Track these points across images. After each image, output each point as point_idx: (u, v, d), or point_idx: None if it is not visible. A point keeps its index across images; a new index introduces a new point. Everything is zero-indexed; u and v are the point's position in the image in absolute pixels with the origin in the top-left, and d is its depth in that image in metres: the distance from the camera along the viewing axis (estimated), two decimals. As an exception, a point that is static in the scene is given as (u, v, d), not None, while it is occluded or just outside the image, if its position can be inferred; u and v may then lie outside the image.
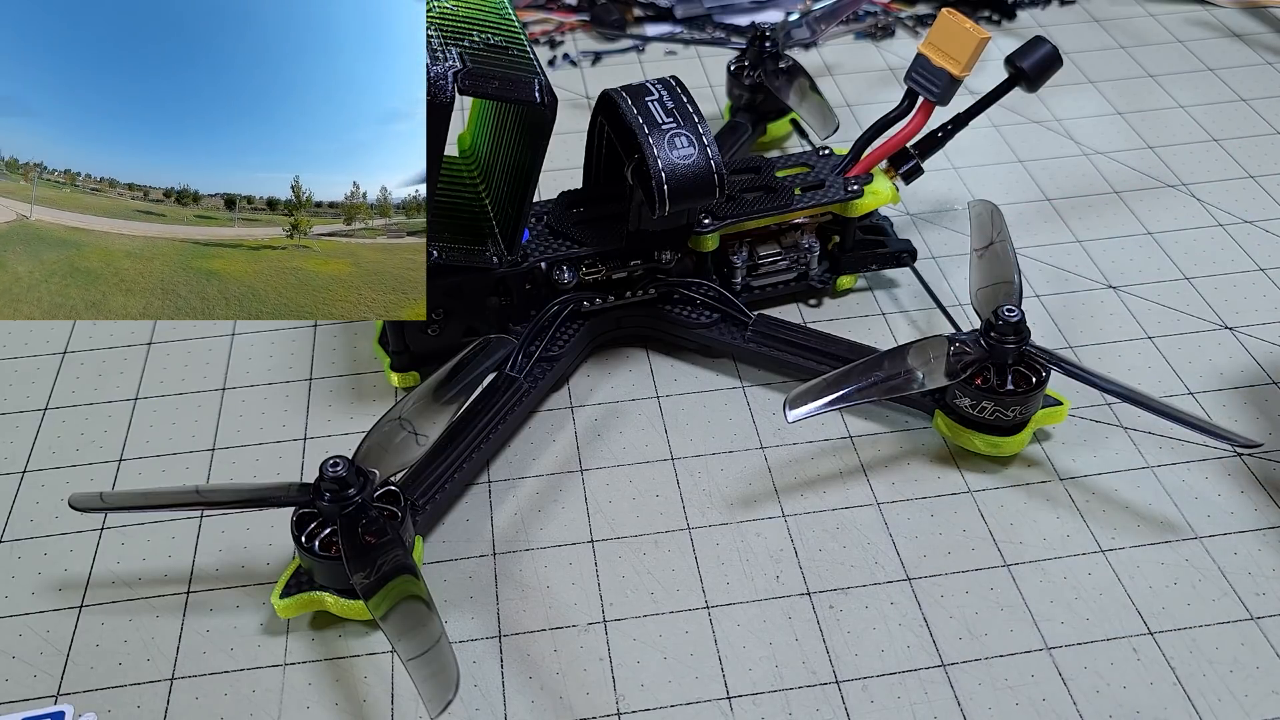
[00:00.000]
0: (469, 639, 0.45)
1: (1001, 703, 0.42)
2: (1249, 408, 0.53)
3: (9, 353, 0.58)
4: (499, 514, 0.50)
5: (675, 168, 0.49)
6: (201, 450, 0.53)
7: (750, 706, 0.42)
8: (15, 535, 0.49)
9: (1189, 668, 0.43)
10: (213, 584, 0.47)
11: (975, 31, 0.52)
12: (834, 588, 0.46)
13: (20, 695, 0.43)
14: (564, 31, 0.85)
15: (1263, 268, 0.61)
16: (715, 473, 0.51)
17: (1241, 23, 0.83)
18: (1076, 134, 0.72)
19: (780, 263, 0.58)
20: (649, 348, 0.57)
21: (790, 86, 0.66)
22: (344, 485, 0.42)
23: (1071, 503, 0.49)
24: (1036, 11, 0.85)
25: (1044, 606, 0.45)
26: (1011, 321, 0.47)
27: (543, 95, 0.46)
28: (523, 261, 0.53)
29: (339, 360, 0.57)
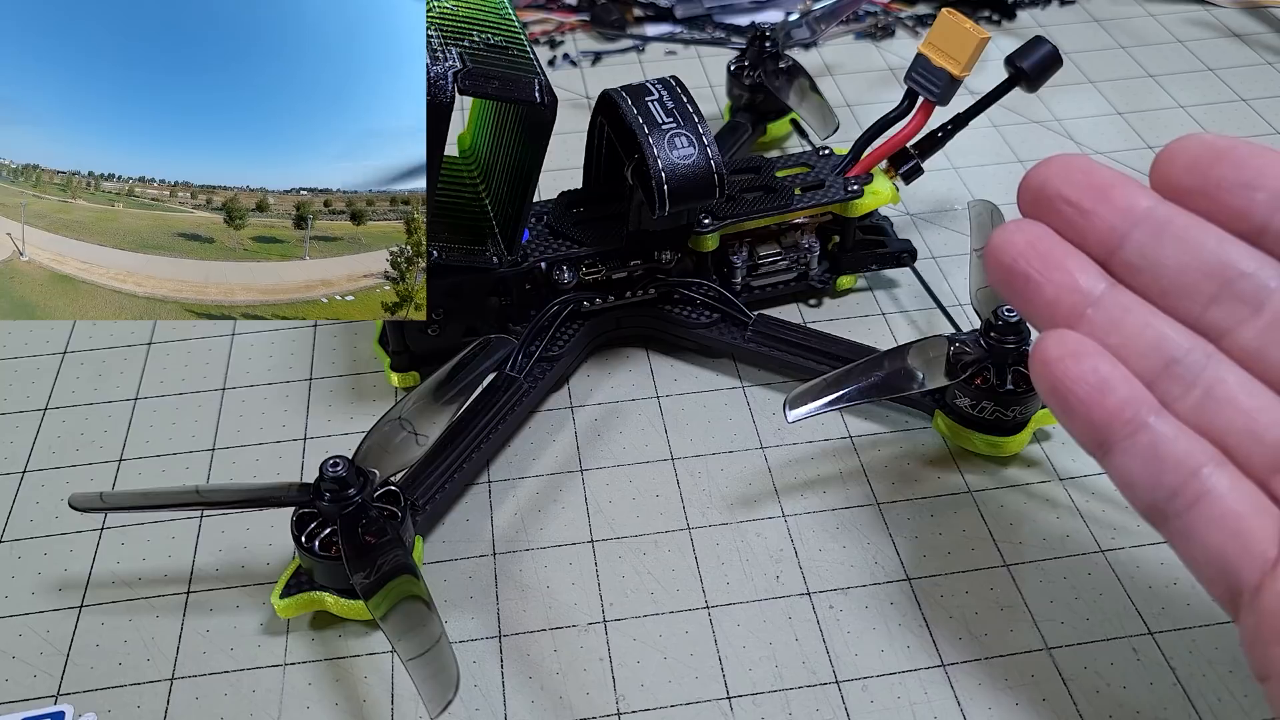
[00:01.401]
0: (469, 639, 0.45)
1: (1001, 703, 0.42)
2: (1249, 408, 0.53)
3: (9, 353, 0.58)
4: (499, 514, 0.50)
5: (675, 168, 0.49)
6: (201, 450, 0.53)
7: (750, 706, 0.42)
8: (15, 535, 0.49)
9: (1189, 668, 0.43)
10: (213, 584, 0.47)
11: (975, 31, 0.52)
12: (834, 588, 0.46)
13: (20, 695, 0.43)
14: (564, 31, 0.85)
15: (1263, 268, 0.61)
16: (715, 473, 0.51)
17: (1241, 23, 0.83)
18: (1076, 134, 0.72)
19: (780, 263, 0.58)
20: (649, 348, 0.57)
21: (790, 86, 0.66)
22: (344, 485, 0.42)
23: (1071, 503, 0.49)
24: (1036, 11, 0.85)
25: (1044, 606, 0.45)
26: (1011, 321, 0.47)
27: (543, 95, 0.46)
28: (523, 261, 0.53)
29: (339, 360, 0.57)
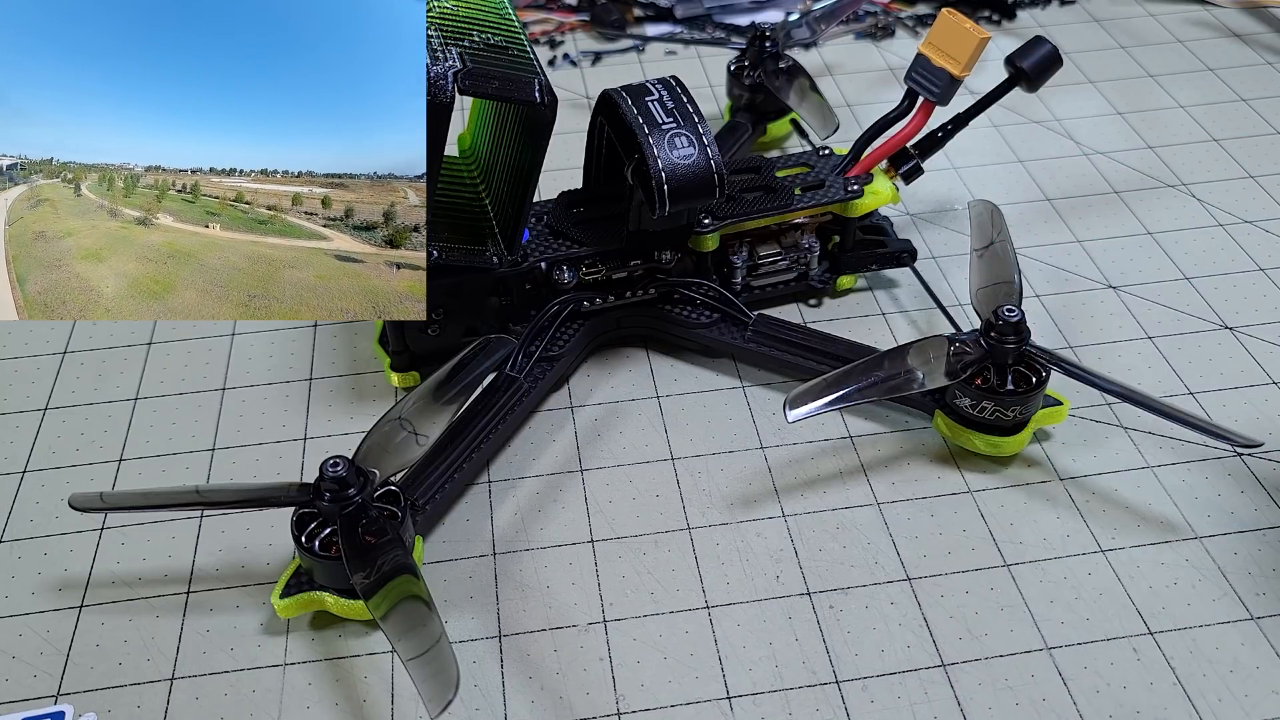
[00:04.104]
0: (469, 639, 0.45)
1: (1001, 703, 0.42)
2: (1249, 408, 0.53)
3: (9, 353, 0.58)
4: (499, 514, 0.50)
5: (675, 168, 0.49)
6: (201, 450, 0.53)
7: (750, 706, 0.42)
8: (15, 535, 0.49)
9: (1189, 668, 0.43)
10: (213, 584, 0.47)
11: (975, 31, 0.52)
12: (834, 588, 0.46)
13: (20, 695, 0.43)
14: (564, 31, 0.85)
15: (1263, 268, 0.61)
16: (715, 473, 0.51)
17: (1241, 23, 0.83)
18: (1076, 134, 0.72)
19: (780, 263, 0.58)
20: (649, 348, 0.57)
21: (790, 86, 0.66)
22: (344, 485, 0.42)
23: (1071, 503, 0.49)
24: (1036, 11, 0.85)
25: (1044, 606, 0.45)
26: (1011, 321, 0.47)
27: (543, 95, 0.46)
28: (523, 261, 0.53)
29: (339, 360, 0.57)
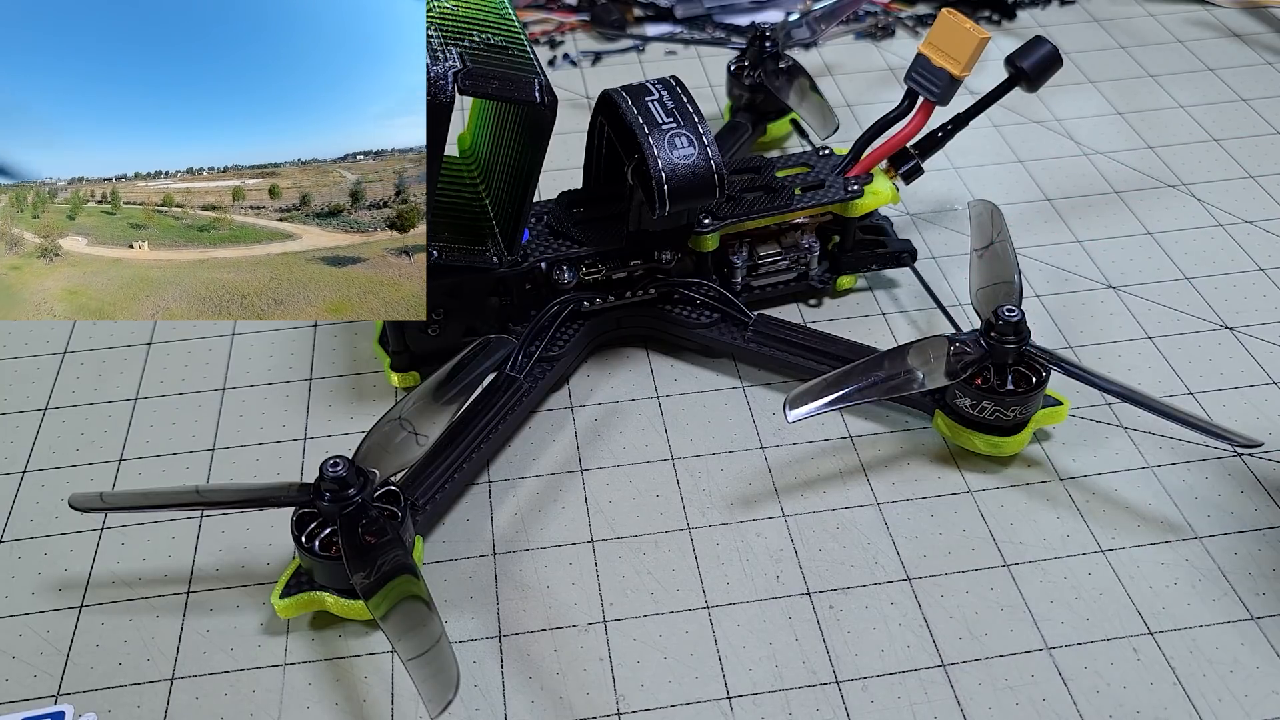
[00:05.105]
0: (469, 639, 0.45)
1: (1001, 703, 0.42)
2: (1249, 408, 0.53)
3: (9, 353, 0.58)
4: (499, 514, 0.50)
5: (675, 168, 0.49)
6: (201, 450, 0.53)
7: (750, 706, 0.42)
8: (15, 535, 0.49)
9: (1189, 668, 0.43)
10: (213, 584, 0.47)
11: (975, 31, 0.52)
12: (834, 588, 0.46)
13: (20, 695, 0.43)
14: (564, 31, 0.85)
15: (1263, 268, 0.61)
16: (715, 473, 0.51)
17: (1241, 23, 0.83)
18: (1076, 134, 0.72)
19: (780, 263, 0.58)
20: (649, 348, 0.57)
21: (790, 86, 0.66)
22: (344, 485, 0.42)
23: (1071, 503, 0.49)
24: (1036, 11, 0.85)
25: (1044, 606, 0.45)
26: (1011, 321, 0.47)
27: (543, 95, 0.46)
28: (523, 261, 0.53)
29: (339, 360, 0.57)
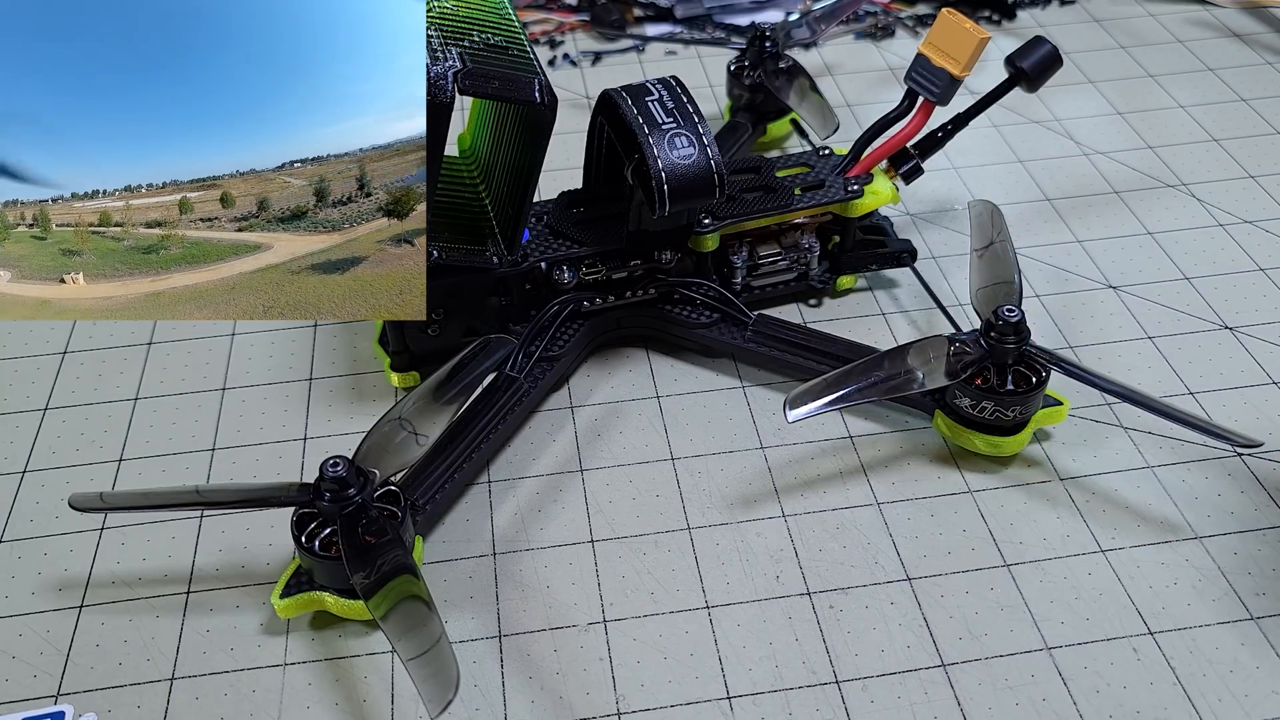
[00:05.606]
0: (469, 639, 0.45)
1: (1001, 703, 0.42)
2: (1249, 408, 0.53)
3: (9, 353, 0.58)
4: (499, 514, 0.50)
5: (675, 168, 0.49)
6: (201, 450, 0.53)
7: (750, 706, 0.42)
8: (15, 535, 0.49)
9: (1189, 668, 0.43)
10: (213, 584, 0.47)
11: (975, 31, 0.52)
12: (834, 588, 0.46)
13: (20, 695, 0.43)
14: (564, 31, 0.85)
15: (1263, 268, 0.61)
16: (715, 473, 0.51)
17: (1241, 23, 0.83)
18: (1076, 134, 0.72)
19: (780, 263, 0.58)
20: (649, 348, 0.57)
21: (790, 86, 0.66)
22: (344, 485, 0.42)
23: (1071, 503, 0.49)
24: (1036, 11, 0.85)
25: (1044, 606, 0.45)
26: (1011, 321, 0.47)
27: (543, 95, 0.46)
28: (523, 261, 0.53)
29: (339, 360, 0.57)
